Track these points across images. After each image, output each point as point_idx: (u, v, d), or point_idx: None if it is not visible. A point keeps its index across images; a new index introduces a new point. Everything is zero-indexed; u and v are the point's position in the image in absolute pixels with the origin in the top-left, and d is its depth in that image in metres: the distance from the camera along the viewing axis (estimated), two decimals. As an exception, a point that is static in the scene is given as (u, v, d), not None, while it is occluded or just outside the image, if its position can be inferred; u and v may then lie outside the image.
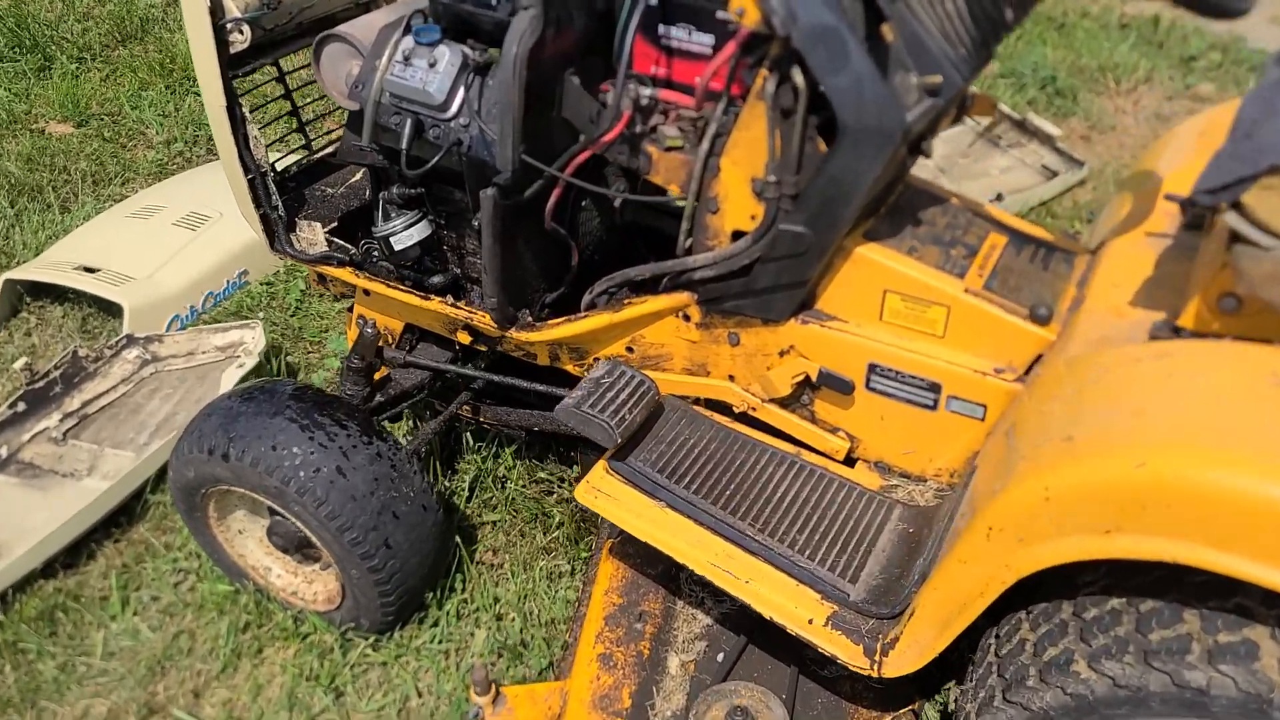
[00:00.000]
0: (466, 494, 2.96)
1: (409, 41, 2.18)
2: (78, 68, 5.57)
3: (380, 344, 2.66)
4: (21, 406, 3.32)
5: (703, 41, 2.01)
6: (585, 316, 2.32)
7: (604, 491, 2.10)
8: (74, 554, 2.92)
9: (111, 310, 3.83)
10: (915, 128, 1.84)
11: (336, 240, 2.64)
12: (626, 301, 2.28)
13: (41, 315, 3.97)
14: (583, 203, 2.40)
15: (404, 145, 2.21)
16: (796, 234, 1.98)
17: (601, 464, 2.15)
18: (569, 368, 2.50)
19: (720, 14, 1.85)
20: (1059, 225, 4.20)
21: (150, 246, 3.94)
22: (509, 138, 2.03)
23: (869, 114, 1.79)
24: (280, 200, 2.57)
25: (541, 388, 2.53)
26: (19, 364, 3.31)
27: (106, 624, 2.73)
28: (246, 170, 2.48)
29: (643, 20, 1.99)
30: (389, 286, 2.52)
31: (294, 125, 2.81)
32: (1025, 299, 2.01)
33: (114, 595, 2.80)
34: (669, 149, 2.08)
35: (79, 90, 5.30)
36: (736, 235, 2.09)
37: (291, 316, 3.87)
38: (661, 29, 2.03)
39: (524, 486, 2.99)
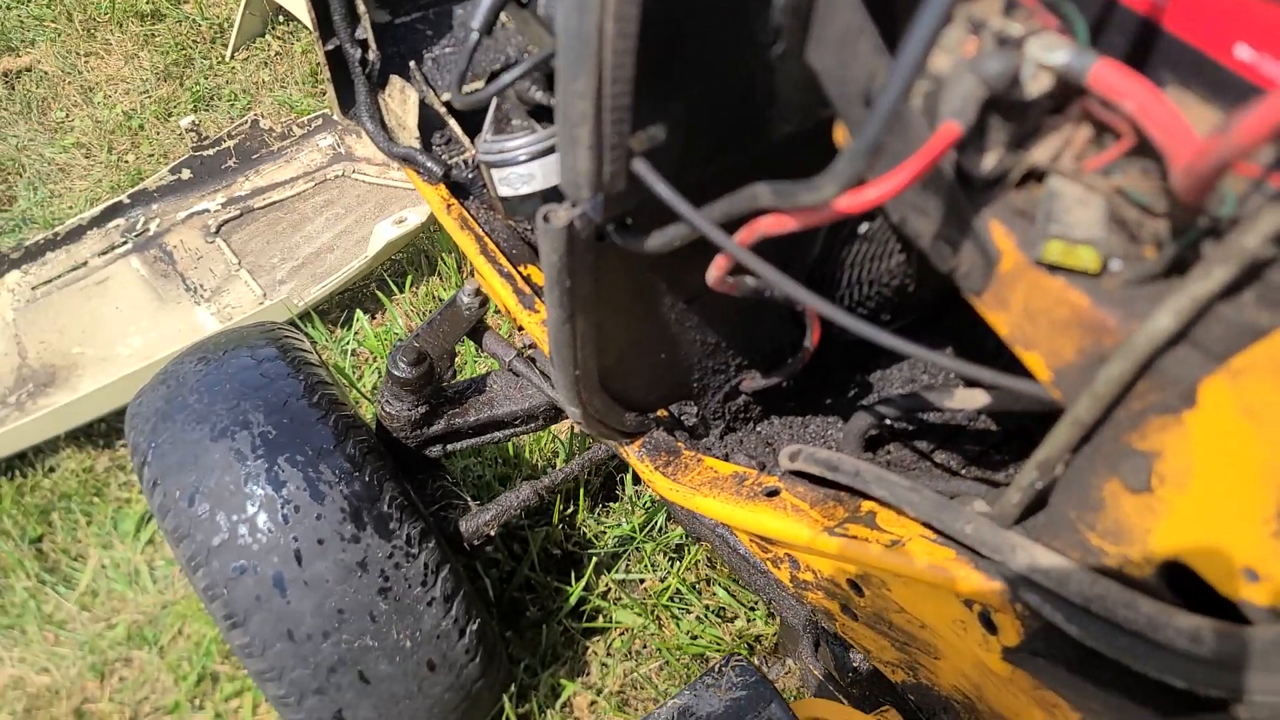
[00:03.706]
0: (594, 563, 1.86)
1: None
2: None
3: (487, 323, 1.53)
4: (186, 174, 2.64)
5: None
6: (766, 501, 1.04)
7: None
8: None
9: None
10: None
11: (453, 125, 1.48)
12: (870, 514, 0.97)
13: (286, 45, 3.22)
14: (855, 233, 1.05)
15: None
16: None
17: None
18: (745, 538, 1.25)
19: None
20: None
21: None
22: (587, 119, 0.72)
23: None
24: (372, 32, 1.44)
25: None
26: (185, 122, 2.59)
27: (110, 542, 2.05)
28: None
29: None
30: (482, 253, 1.36)
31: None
32: None
33: (134, 507, 2.10)
34: (1051, 266, 0.68)
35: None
36: (1171, 580, 0.69)
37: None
38: None
39: (692, 591, 1.82)
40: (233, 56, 3.34)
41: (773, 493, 1.06)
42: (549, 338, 0.97)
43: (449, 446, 1.57)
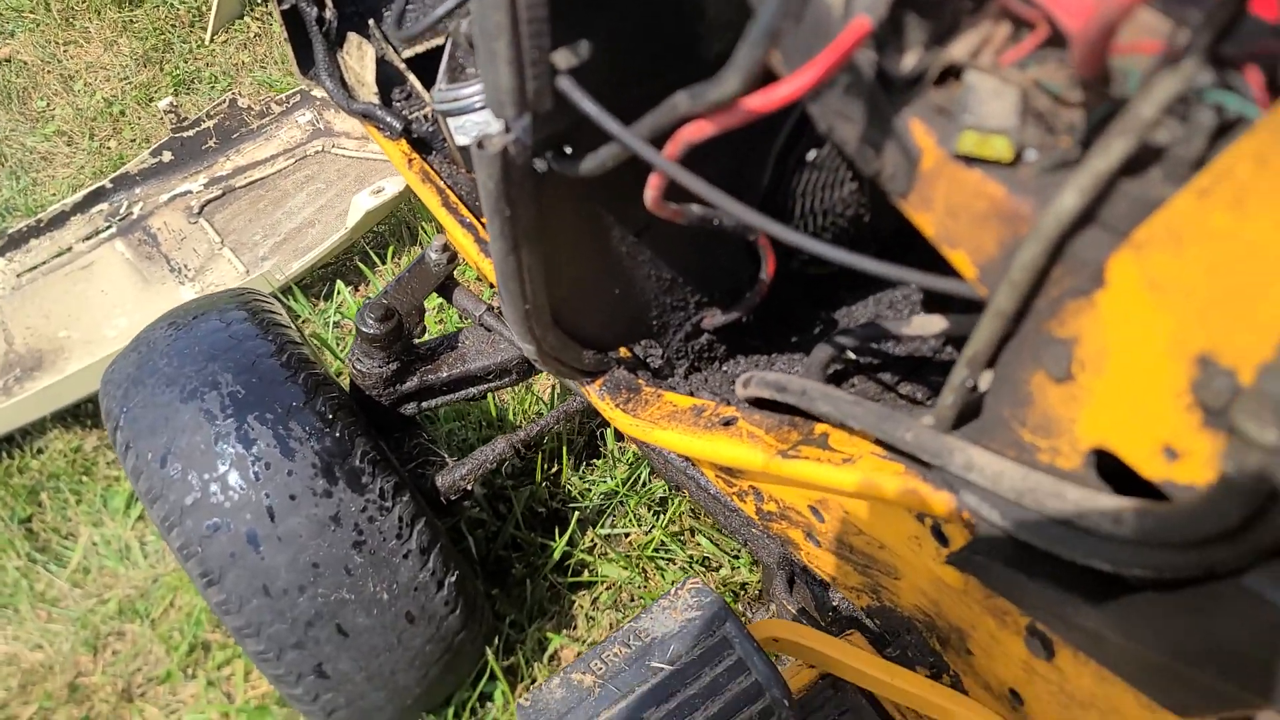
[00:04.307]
0: (579, 519, 1.87)
1: None
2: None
3: (457, 279, 1.54)
4: (167, 156, 2.65)
5: None
6: (723, 430, 1.05)
7: None
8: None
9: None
10: None
11: (412, 80, 1.48)
12: (822, 435, 0.98)
13: (265, 26, 3.21)
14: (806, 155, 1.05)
15: None
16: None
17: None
18: (711, 474, 1.26)
19: None
20: None
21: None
22: (504, 30, 0.72)
23: None
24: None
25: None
26: (163, 103, 2.59)
27: (100, 519, 2.07)
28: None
29: None
30: (444, 205, 1.37)
31: None
32: None
33: (123, 484, 2.11)
34: (968, 158, 0.68)
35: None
36: (1101, 461, 0.70)
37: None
38: None
39: (676, 542, 1.84)
40: (212, 40, 3.35)
41: (729, 421, 1.07)
42: (495, 272, 0.98)
43: (424, 404, 1.58)
